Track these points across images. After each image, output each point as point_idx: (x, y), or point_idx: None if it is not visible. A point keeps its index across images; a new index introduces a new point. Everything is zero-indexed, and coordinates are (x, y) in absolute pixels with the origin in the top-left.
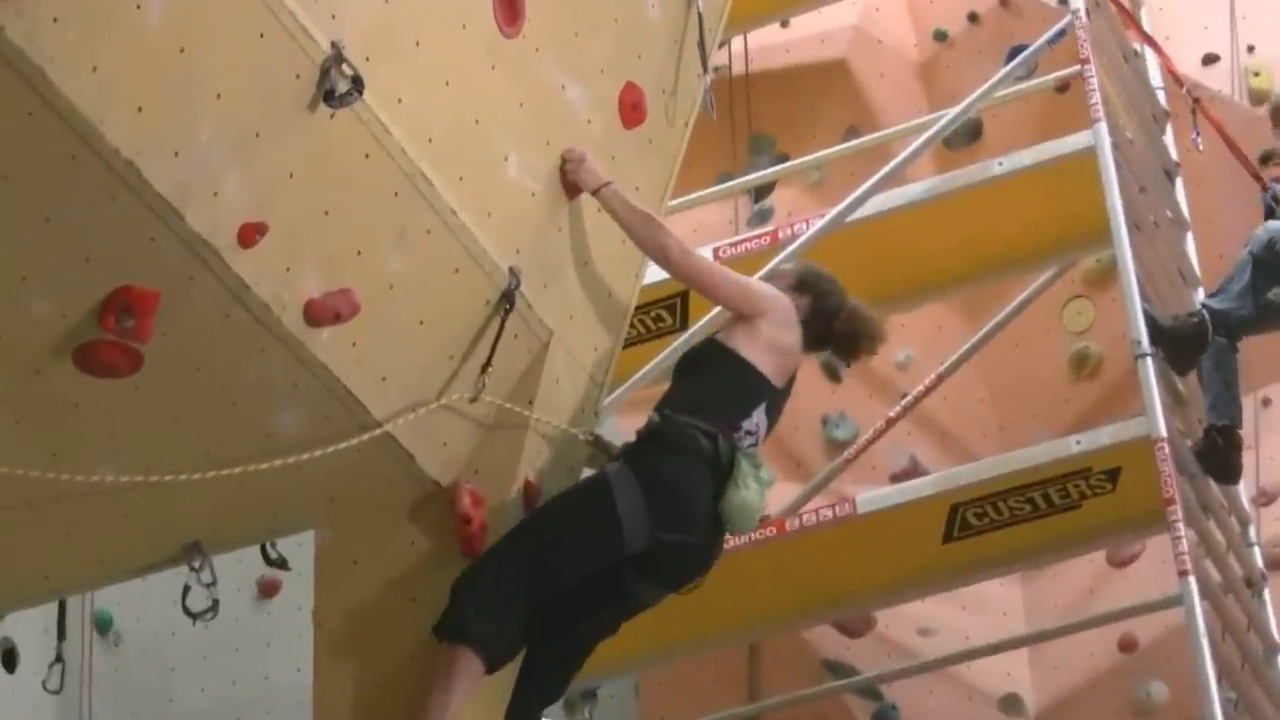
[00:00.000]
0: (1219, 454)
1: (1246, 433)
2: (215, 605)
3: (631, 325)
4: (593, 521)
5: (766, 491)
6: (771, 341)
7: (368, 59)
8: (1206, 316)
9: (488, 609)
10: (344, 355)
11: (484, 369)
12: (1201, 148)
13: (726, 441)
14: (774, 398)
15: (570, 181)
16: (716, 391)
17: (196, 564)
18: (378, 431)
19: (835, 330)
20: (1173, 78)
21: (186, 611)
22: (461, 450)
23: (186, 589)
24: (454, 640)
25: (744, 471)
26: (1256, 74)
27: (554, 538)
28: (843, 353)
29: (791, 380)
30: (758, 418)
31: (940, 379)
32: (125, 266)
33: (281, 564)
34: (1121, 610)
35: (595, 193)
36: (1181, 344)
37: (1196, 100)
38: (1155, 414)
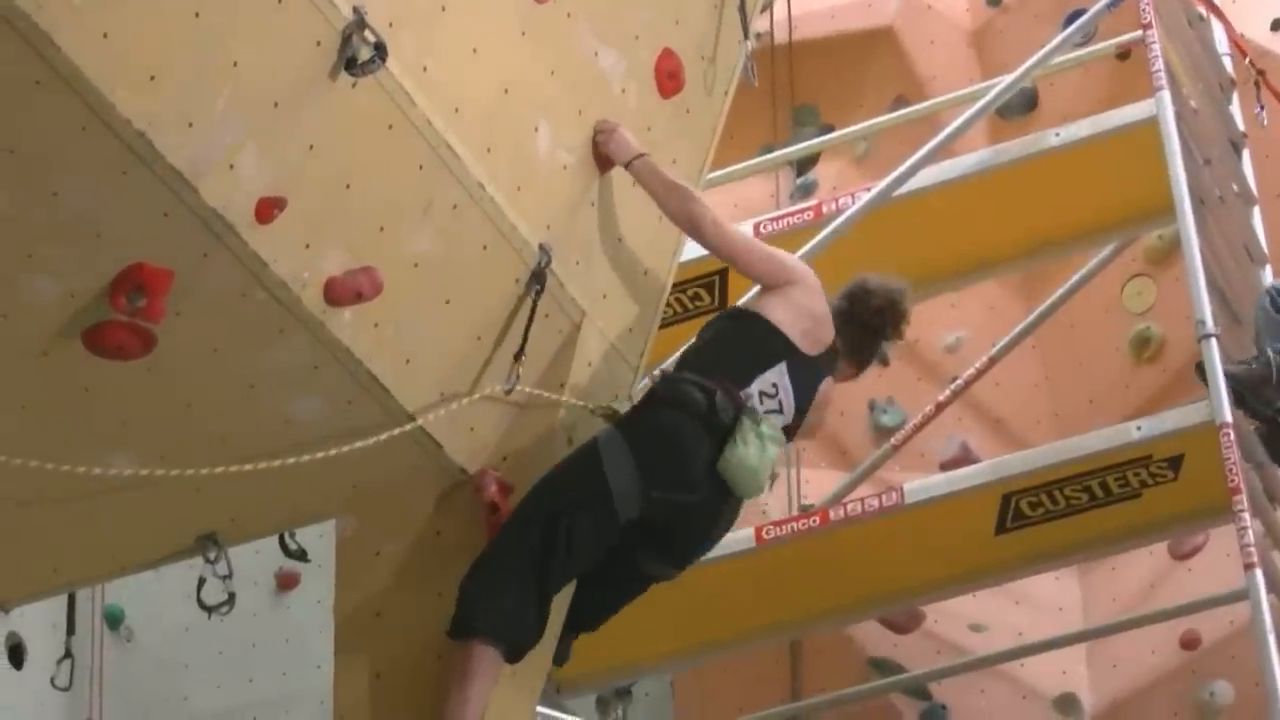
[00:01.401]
0: None
1: None
2: (231, 599)
3: (668, 304)
4: (582, 490)
5: (773, 450)
6: (800, 306)
7: (391, 25)
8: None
9: (496, 601)
10: (366, 336)
11: (517, 358)
12: (1266, 123)
13: (728, 398)
14: (800, 363)
15: (603, 154)
16: (724, 348)
17: (212, 556)
18: (409, 427)
19: (854, 314)
20: (1237, 47)
21: (201, 605)
22: (489, 437)
23: (201, 582)
24: (465, 637)
25: (744, 428)
26: None
27: (549, 516)
28: (871, 334)
29: (829, 360)
30: (775, 378)
31: (992, 362)
32: (137, 243)
33: (301, 556)
34: (1184, 606)
35: (628, 165)
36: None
37: (1261, 72)
38: (1220, 399)
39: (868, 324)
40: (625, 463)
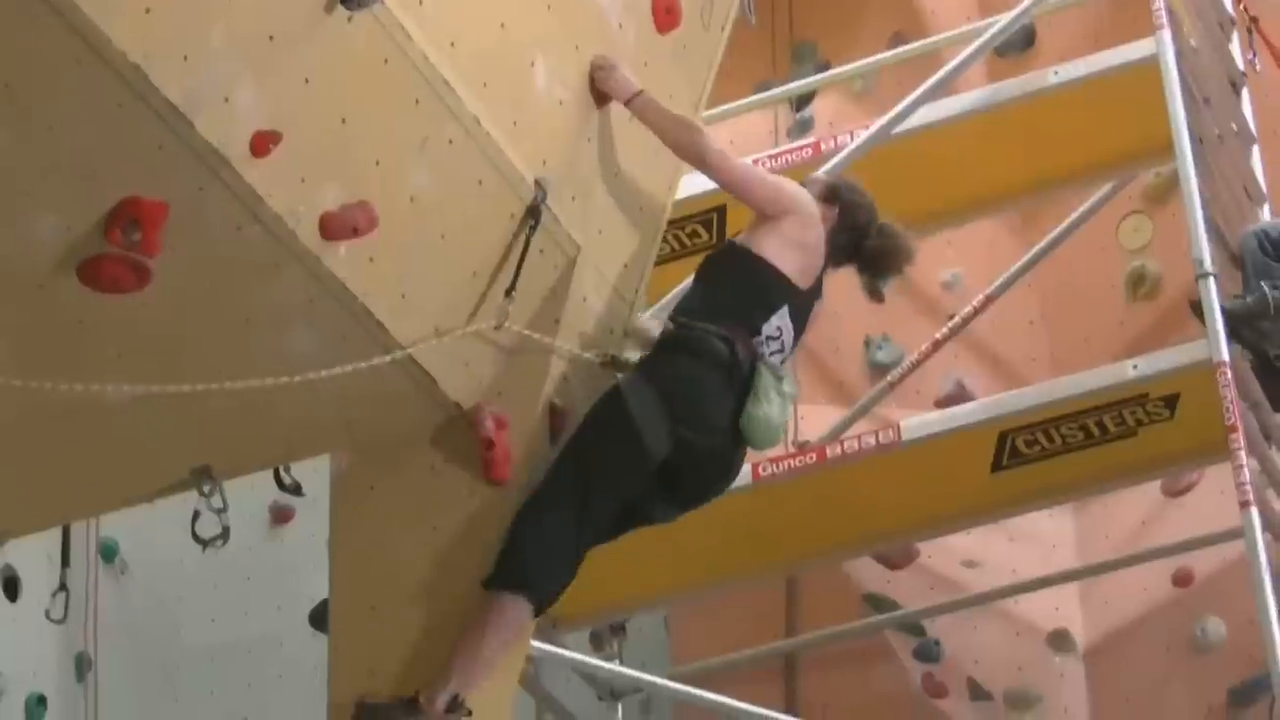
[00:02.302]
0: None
1: None
2: (226, 532)
3: (665, 241)
4: (615, 439)
5: (790, 406)
6: (794, 238)
7: None
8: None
9: (539, 555)
10: (361, 271)
11: (508, 293)
12: (1260, 68)
13: (745, 348)
14: (798, 300)
15: (600, 90)
16: (733, 294)
17: (207, 489)
18: (399, 354)
19: (863, 246)
20: None
21: (196, 538)
22: (484, 372)
23: (196, 515)
24: (505, 588)
25: (765, 384)
26: None
27: (584, 469)
28: (868, 270)
29: (818, 286)
30: (779, 321)
31: (989, 300)
32: (132, 177)
33: (296, 490)
34: (1178, 544)
35: (628, 103)
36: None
37: (1254, 20)
38: (1218, 337)
39: (859, 252)
40: (653, 408)
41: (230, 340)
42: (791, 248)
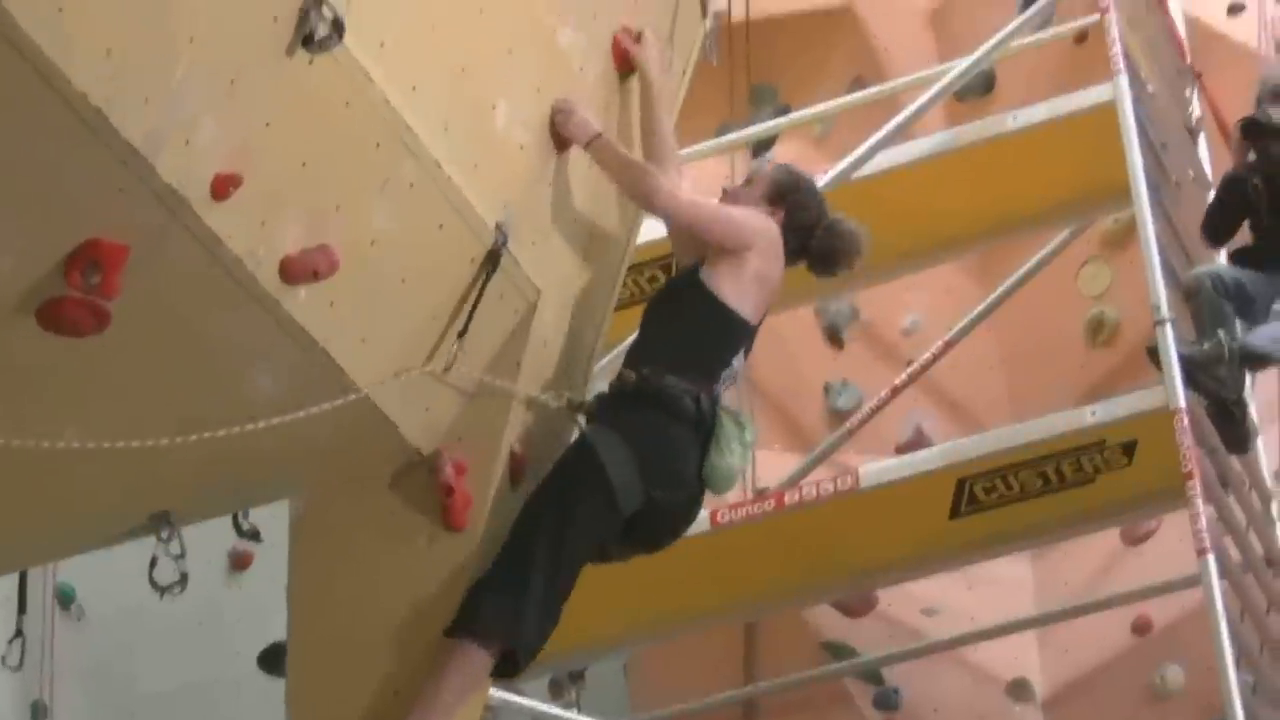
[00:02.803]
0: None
1: (1270, 403)
2: (184, 578)
3: (625, 285)
4: (587, 493)
5: (750, 451)
6: (757, 275)
7: (349, 1)
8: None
9: (504, 604)
10: (322, 315)
11: (460, 335)
12: (1201, 121)
13: (709, 398)
14: (751, 336)
15: (560, 133)
16: (698, 343)
17: (165, 534)
18: (355, 396)
19: (810, 245)
20: (1178, 47)
21: (154, 584)
22: (444, 417)
23: (154, 561)
24: (463, 636)
25: (728, 434)
26: None
27: (555, 519)
28: (817, 268)
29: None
30: (736, 363)
31: (949, 345)
32: (92, 219)
33: (254, 535)
34: (1136, 590)
35: (586, 146)
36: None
37: (1198, 75)
38: (1175, 383)
39: (808, 248)
40: (626, 462)
41: (190, 383)
42: (753, 286)
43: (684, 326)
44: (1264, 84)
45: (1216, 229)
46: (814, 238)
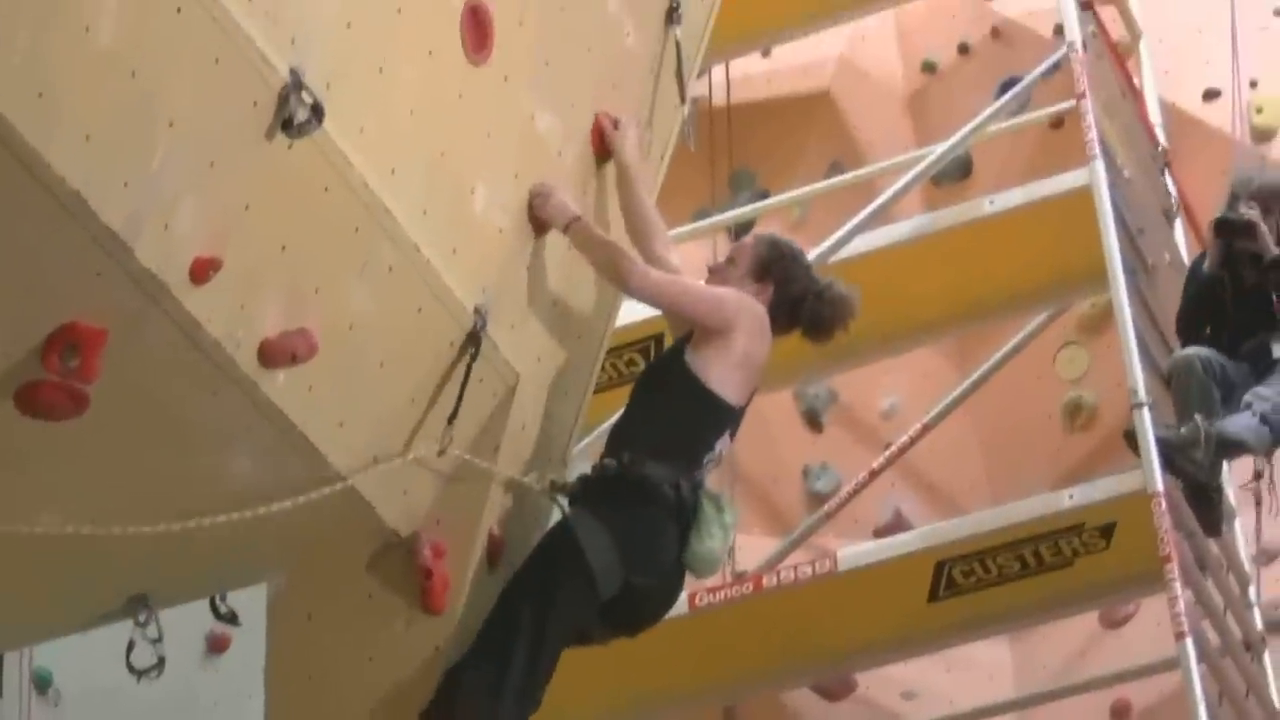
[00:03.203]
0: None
1: (1246, 489)
2: (161, 662)
3: (603, 369)
4: (568, 576)
5: (731, 534)
6: (744, 357)
7: (328, 86)
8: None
9: (480, 689)
10: (300, 399)
11: (450, 421)
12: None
13: (690, 484)
14: (737, 420)
15: (538, 217)
16: (679, 429)
17: (142, 618)
18: (339, 486)
19: (802, 313)
20: (1148, 133)
21: (131, 669)
22: (423, 500)
23: (131, 645)
24: (443, 718)
25: (707, 518)
26: (1259, 110)
27: (536, 605)
28: (811, 335)
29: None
30: (720, 445)
31: (927, 428)
32: (70, 302)
33: (232, 619)
34: (1115, 673)
35: (564, 229)
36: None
37: (1168, 163)
38: (1153, 468)
39: (801, 318)
40: (607, 548)
41: (168, 466)
42: (738, 369)
43: (667, 412)
44: (1236, 181)
45: (1191, 327)
46: (805, 306)
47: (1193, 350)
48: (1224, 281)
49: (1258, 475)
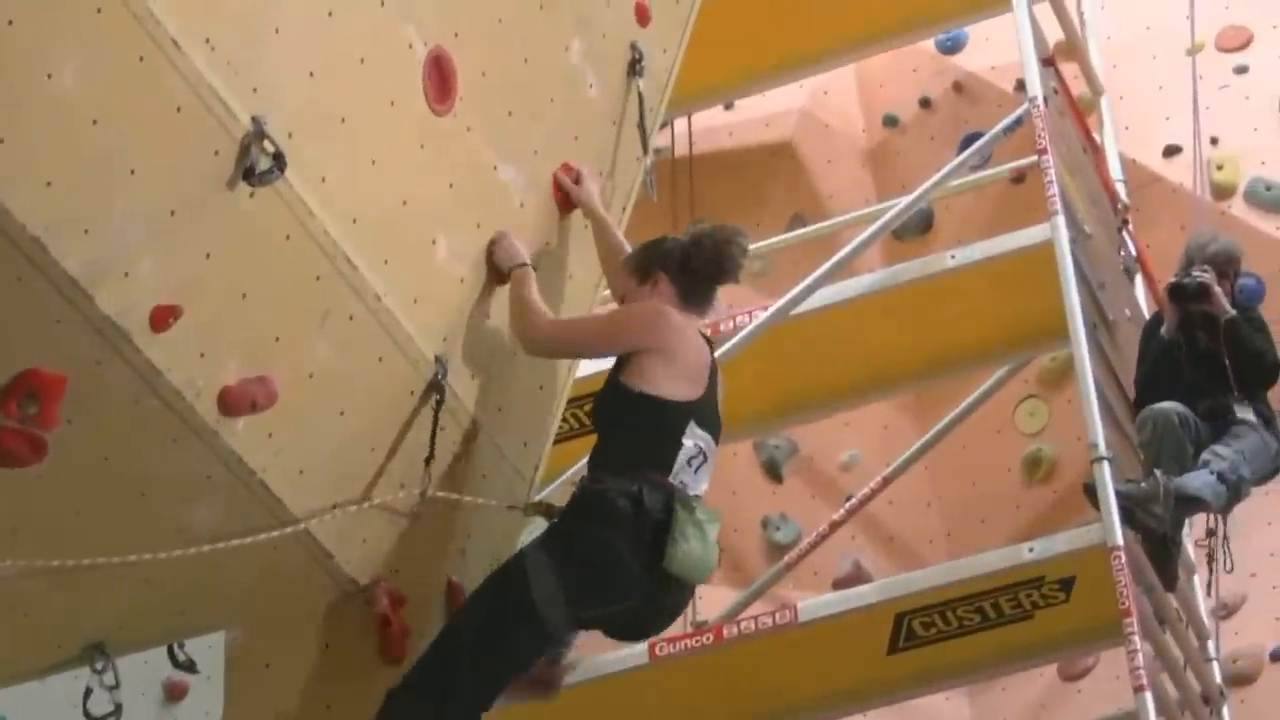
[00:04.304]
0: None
1: (1204, 543)
2: (119, 709)
3: (564, 420)
4: (512, 611)
5: (714, 530)
6: (664, 353)
7: (290, 135)
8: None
9: (427, 708)
10: (260, 446)
11: (427, 463)
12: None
13: (656, 492)
14: (702, 407)
15: (496, 265)
16: (634, 441)
17: (99, 665)
18: (293, 529)
19: (695, 269)
20: (1109, 189)
21: (87, 716)
22: (381, 548)
23: (88, 692)
24: None
25: (680, 521)
26: (1220, 167)
27: (480, 631)
28: (713, 278)
29: (713, 367)
30: (691, 441)
31: (887, 481)
32: (30, 349)
33: (189, 667)
34: None
35: (507, 273)
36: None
37: (1125, 221)
38: (1112, 521)
39: (700, 274)
40: (551, 583)
41: (126, 512)
42: (666, 364)
43: (615, 429)
44: (1192, 246)
45: (1148, 389)
46: (690, 263)
47: (1170, 404)
48: (1180, 344)
49: (1210, 533)
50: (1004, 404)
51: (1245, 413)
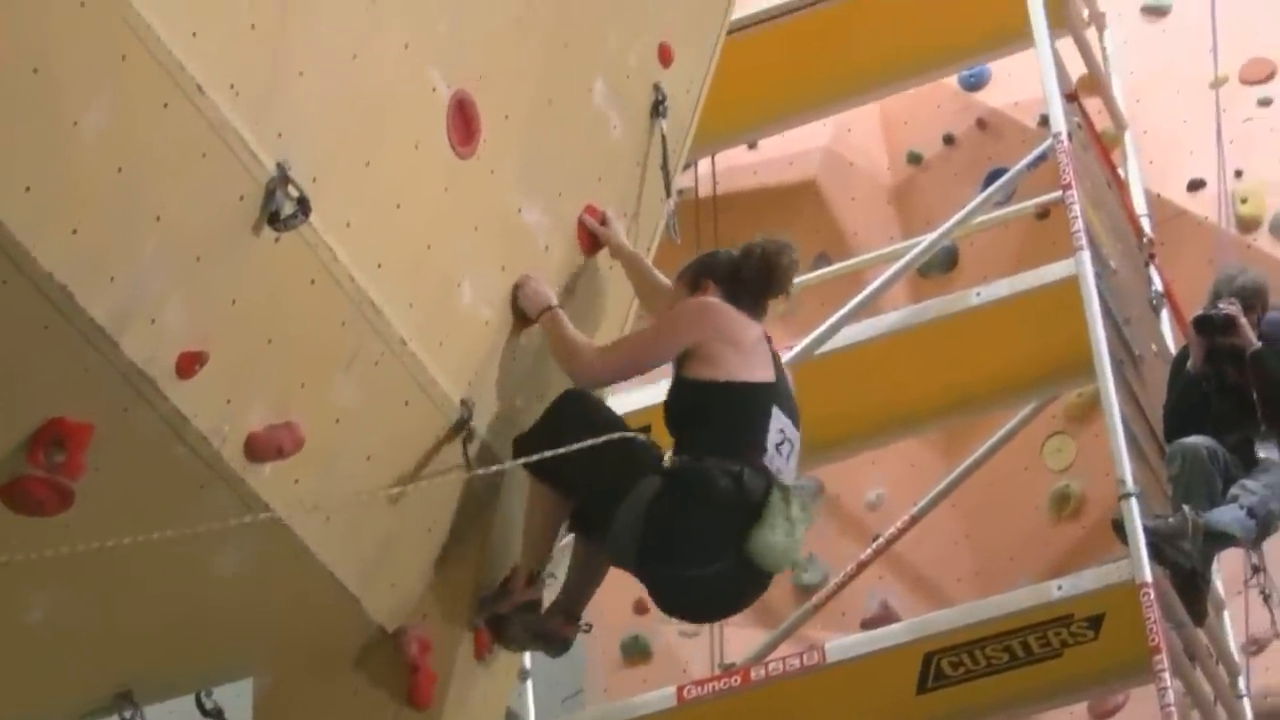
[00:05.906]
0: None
1: (1235, 576)
2: None
3: None
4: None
5: (802, 530)
6: (735, 338)
7: (315, 180)
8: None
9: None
10: (286, 492)
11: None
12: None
13: (756, 474)
14: (779, 392)
15: (521, 308)
16: (720, 430)
17: (128, 714)
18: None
19: (746, 281)
20: (1134, 223)
21: None
22: (409, 593)
23: None
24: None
25: (774, 510)
26: (1244, 200)
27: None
28: (771, 291)
29: (778, 361)
30: (778, 423)
31: (914, 520)
32: (57, 397)
33: (218, 715)
34: None
35: (537, 317)
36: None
37: (1152, 255)
38: (1141, 558)
39: (751, 284)
40: (635, 523)
41: (154, 560)
42: (729, 349)
43: (696, 424)
44: (1219, 279)
45: (1176, 424)
46: (742, 274)
47: (1199, 439)
48: (1207, 377)
49: (1255, 569)
50: (1031, 441)
51: (1269, 450)
